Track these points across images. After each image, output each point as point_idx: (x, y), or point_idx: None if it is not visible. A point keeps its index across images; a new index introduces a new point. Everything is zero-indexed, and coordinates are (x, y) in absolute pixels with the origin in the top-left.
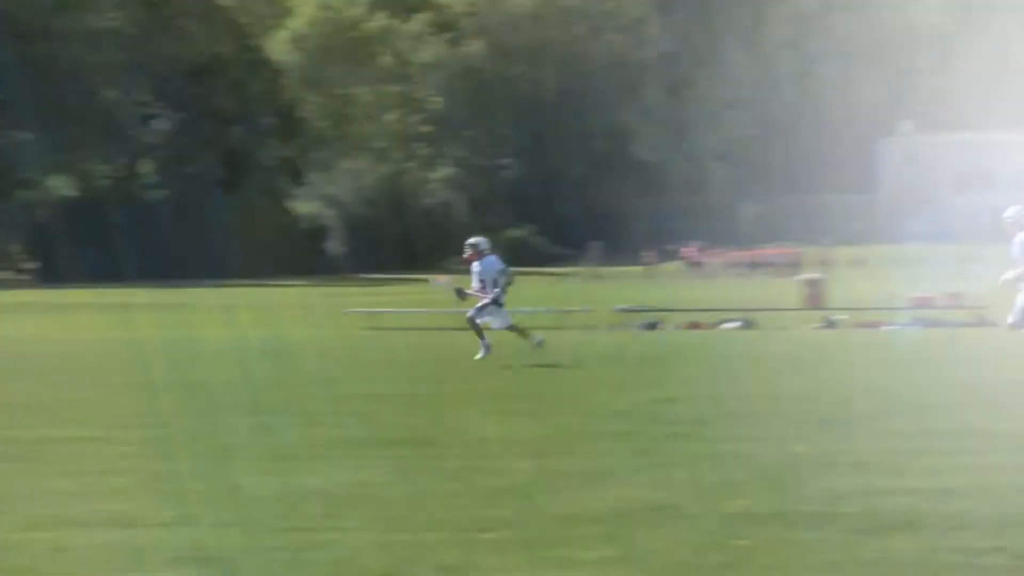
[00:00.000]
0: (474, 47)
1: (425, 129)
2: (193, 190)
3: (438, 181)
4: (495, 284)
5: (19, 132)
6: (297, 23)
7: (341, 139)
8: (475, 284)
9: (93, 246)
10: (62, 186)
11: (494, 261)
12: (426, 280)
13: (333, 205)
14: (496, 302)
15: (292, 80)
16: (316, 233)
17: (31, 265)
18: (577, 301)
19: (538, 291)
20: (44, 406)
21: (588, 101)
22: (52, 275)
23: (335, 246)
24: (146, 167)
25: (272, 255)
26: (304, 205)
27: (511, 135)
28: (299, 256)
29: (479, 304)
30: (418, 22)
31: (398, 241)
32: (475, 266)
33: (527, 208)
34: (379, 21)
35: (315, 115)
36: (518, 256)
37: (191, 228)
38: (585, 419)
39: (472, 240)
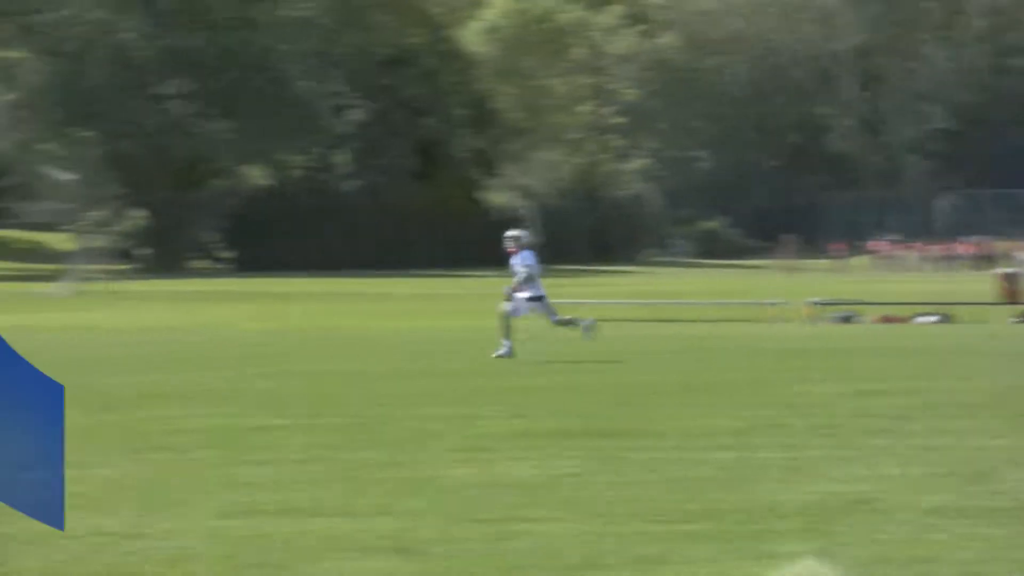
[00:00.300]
0: (667, 39)
1: (618, 121)
2: (386, 181)
3: (631, 173)
4: (531, 279)
5: (214, 122)
6: (490, 14)
7: (534, 130)
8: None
9: (288, 236)
10: (257, 176)
11: (530, 256)
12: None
13: (526, 196)
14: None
15: (485, 71)
16: (508, 224)
17: (227, 254)
18: (771, 294)
19: (732, 284)
20: (239, 394)
21: (781, 93)
22: (249, 264)
23: (528, 237)
24: (340, 157)
25: (464, 246)
26: (497, 196)
27: (704, 127)
28: (492, 247)
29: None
30: (611, 14)
31: (591, 232)
32: (514, 259)
33: (720, 200)
34: (572, 13)
35: (508, 106)
36: (712, 248)
37: (384, 218)
38: (783, 411)
39: (513, 232)
